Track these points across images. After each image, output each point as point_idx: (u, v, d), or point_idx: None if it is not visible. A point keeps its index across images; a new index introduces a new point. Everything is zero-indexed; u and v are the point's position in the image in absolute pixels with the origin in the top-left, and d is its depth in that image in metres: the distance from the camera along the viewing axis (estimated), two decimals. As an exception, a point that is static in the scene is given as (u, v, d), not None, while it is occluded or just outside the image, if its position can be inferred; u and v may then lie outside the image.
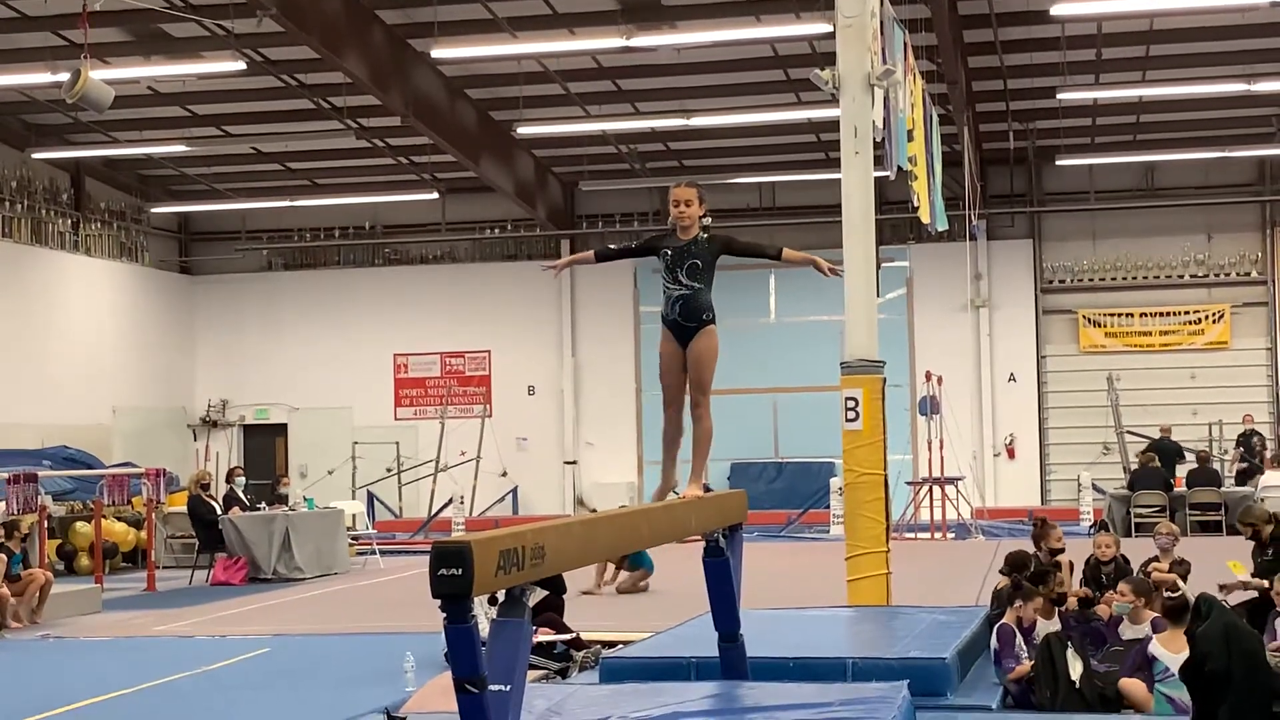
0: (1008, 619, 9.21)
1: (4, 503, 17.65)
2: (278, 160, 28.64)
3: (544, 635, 10.81)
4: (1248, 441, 25.59)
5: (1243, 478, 24.53)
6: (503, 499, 29.42)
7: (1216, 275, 28.67)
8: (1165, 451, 24.85)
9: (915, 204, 16.18)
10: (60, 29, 20.60)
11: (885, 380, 12.49)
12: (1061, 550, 11.38)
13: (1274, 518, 11.81)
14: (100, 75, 16.92)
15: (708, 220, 7.90)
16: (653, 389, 29.66)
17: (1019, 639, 9.07)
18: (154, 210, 30.44)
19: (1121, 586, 9.59)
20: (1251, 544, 11.81)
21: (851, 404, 12.18)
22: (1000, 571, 10.90)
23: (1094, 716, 8.44)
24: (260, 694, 10.88)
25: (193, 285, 31.83)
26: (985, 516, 25.11)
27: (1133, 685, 8.49)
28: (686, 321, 7.81)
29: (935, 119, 17.89)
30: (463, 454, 28.91)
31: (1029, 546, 11.80)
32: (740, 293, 29.73)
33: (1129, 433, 27.21)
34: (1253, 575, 11.14)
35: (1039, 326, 29.05)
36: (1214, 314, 28.44)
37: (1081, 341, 28.96)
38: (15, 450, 23.42)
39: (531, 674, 9.02)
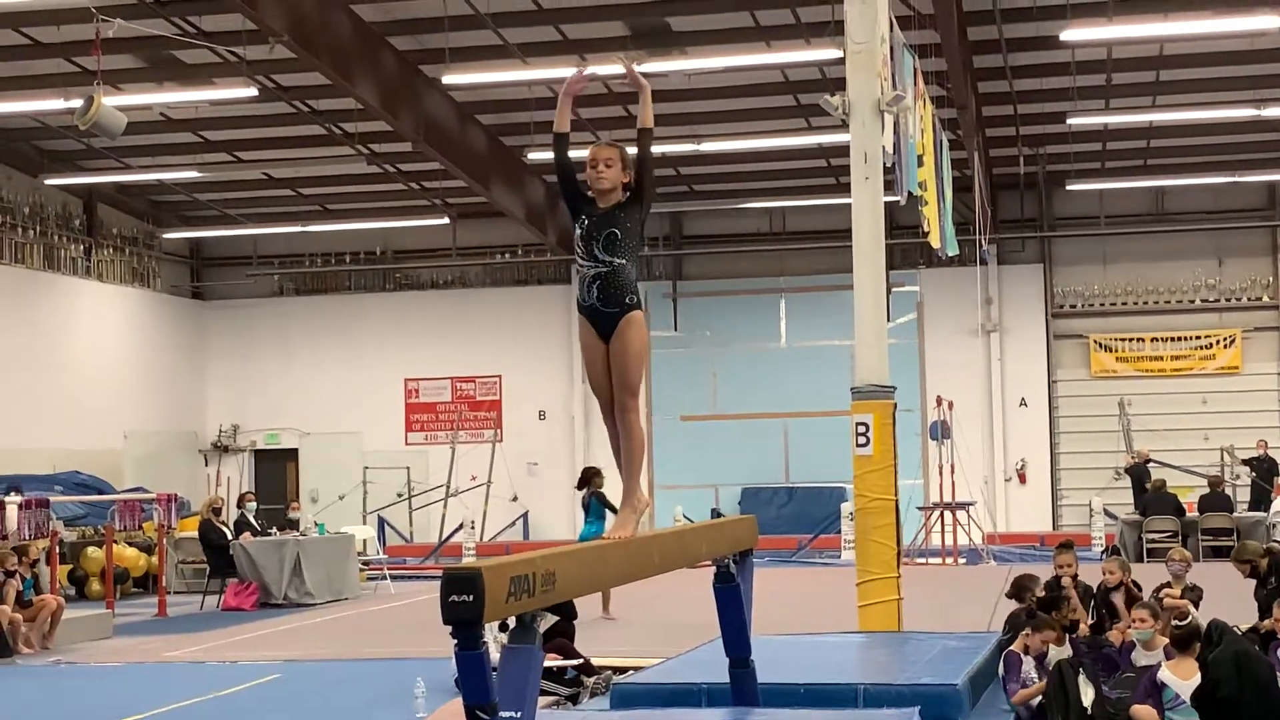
0: (1016, 646, 9.18)
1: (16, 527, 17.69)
2: (289, 186, 28.71)
3: (554, 661, 10.80)
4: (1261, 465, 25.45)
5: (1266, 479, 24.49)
6: (513, 524, 29.39)
7: (1227, 300, 28.64)
8: (1136, 475, 24.91)
9: (925, 229, 16.20)
10: (73, 55, 20.69)
11: (896, 405, 12.49)
12: (1065, 578, 11.33)
13: (1269, 550, 11.75)
14: (113, 101, 16.99)
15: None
16: (663, 413, 29.71)
17: (1025, 665, 9.05)
18: (166, 236, 30.52)
19: (1140, 613, 9.54)
20: (1251, 583, 11.68)
21: (862, 429, 12.18)
22: (1007, 595, 10.89)
23: (1106, 743, 8.42)
24: (271, 720, 10.88)
25: (204, 310, 31.89)
26: (996, 542, 25.06)
27: (1144, 712, 8.47)
28: (606, 306, 6.59)
29: (945, 144, 17.92)
30: (473, 479, 28.91)
31: (1037, 570, 11.78)
32: (751, 317, 29.83)
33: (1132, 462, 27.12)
34: (1259, 610, 11.09)
35: (1050, 351, 29.02)
36: (1225, 339, 28.40)
37: (1093, 366, 28.92)
38: (27, 475, 23.45)
39: (542, 700, 9.01)
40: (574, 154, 6.80)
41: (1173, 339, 28.59)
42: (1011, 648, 9.18)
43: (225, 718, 10.92)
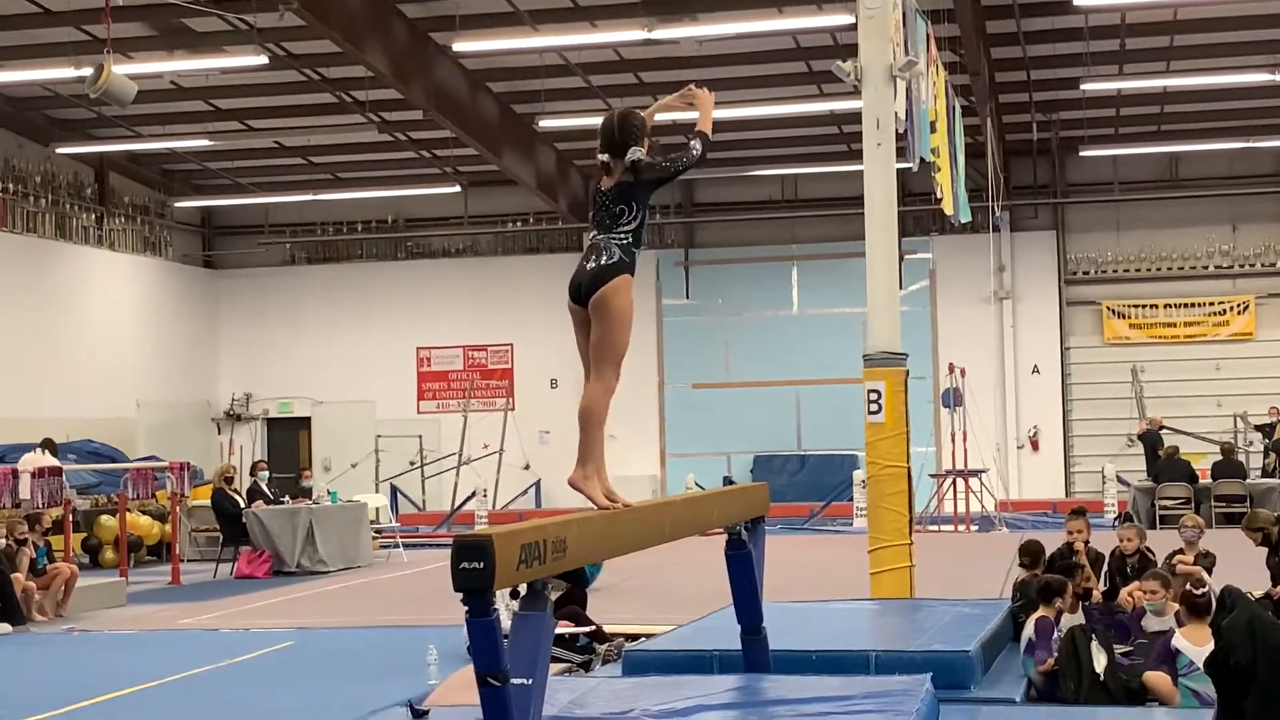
0: (1048, 613, 9.13)
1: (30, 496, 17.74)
2: (300, 154, 28.68)
3: (566, 628, 10.81)
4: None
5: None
6: (525, 492, 29.44)
7: (1241, 266, 28.54)
8: (1149, 442, 24.89)
9: (938, 196, 16.14)
10: (83, 24, 20.64)
11: (908, 372, 12.47)
12: (1078, 544, 11.32)
13: None
14: (123, 70, 16.95)
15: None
16: (675, 382, 29.74)
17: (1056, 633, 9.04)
18: (177, 204, 30.53)
19: (1151, 584, 9.52)
20: (1264, 550, 11.64)
21: (874, 396, 12.16)
22: (1021, 565, 10.88)
23: (1118, 709, 8.42)
24: (284, 687, 10.91)
25: (216, 279, 31.91)
26: (1009, 509, 25.05)
27: (1158, 678, 8.46)
28: None
29: (958, 110, 17.84)
30: (485, 447, 28.93)
31: (1049, 537, 11.76)
32: (762, 285, 29.79)
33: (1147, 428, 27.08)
34: (1271, 577, 11.06)
35: (1063, 318, 28.96)
36: (1238, 305, 28.33)
37: (1105, 333, 28.86)
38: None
39: (554, 667, 9.02)
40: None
41: (1186, 305, 28.52)
42: (1044, 614, 9.13)
43: (238, 685, 10.96)
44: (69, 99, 24.33)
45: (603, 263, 6.59)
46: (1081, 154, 27.39)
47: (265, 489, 20.52)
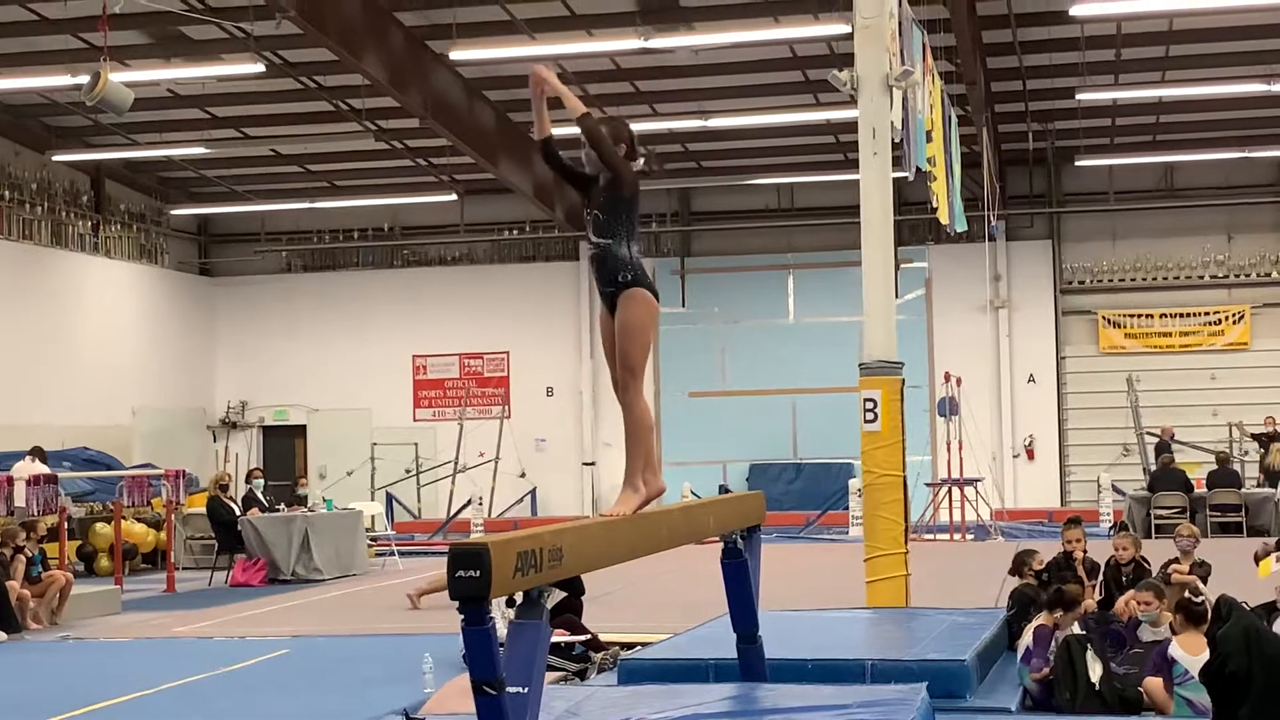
0: (1046, 621, 9.14)
1: (25, 503, 17.73)
2: (297, 162, 28.68)
3: (562, 636, 10.81)
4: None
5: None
6: (521, 500, 29.43)
7: (1237, 276, 28.57)
8: (1160, 451, 24.94)
9: (934, 205, 16.18)
10: (80, 31, 20.66)
11: (904, 381, 12.48)
12: (1077, 554, 11.33)
13: None
14: (120, 78, 16.94)
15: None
16: (671, 390, 29.73)
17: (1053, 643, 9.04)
18: (174, 212, 30.51)
19: (1144, 595, 9.52)
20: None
21: (870, 405, 12.18)
22: (1010, 573, 10.90)
23: (1114, 719, 8.43)
24: (279, 695, 10.90)
25: (212, 287, 31.90)
26: (1004, 518, 25.06)
27: (1156, 685, 8.47)
28: (603, 286, 6.65)
29: (954, 120, 17.86)
30: (481, 455, 28.91)
31: (1044, 547, 11.77)
32: (759, 293, 29.81)
33: (1148, 434, 27.13)
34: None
35: (1058, 327, 28.98)
36: (1234, 315, 28.34)
37: (1101, 342, 28.88)
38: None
39: (550, 675, 9.02)
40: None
41: (1181, 315, 28.54)
42: (1042, 622, 9.14)
43: (233, 693, 10.96)
44: (66, 106, 24.33)
45: None
46: (1077, 163, 27.42)
47: (260, 497, 20.51)
